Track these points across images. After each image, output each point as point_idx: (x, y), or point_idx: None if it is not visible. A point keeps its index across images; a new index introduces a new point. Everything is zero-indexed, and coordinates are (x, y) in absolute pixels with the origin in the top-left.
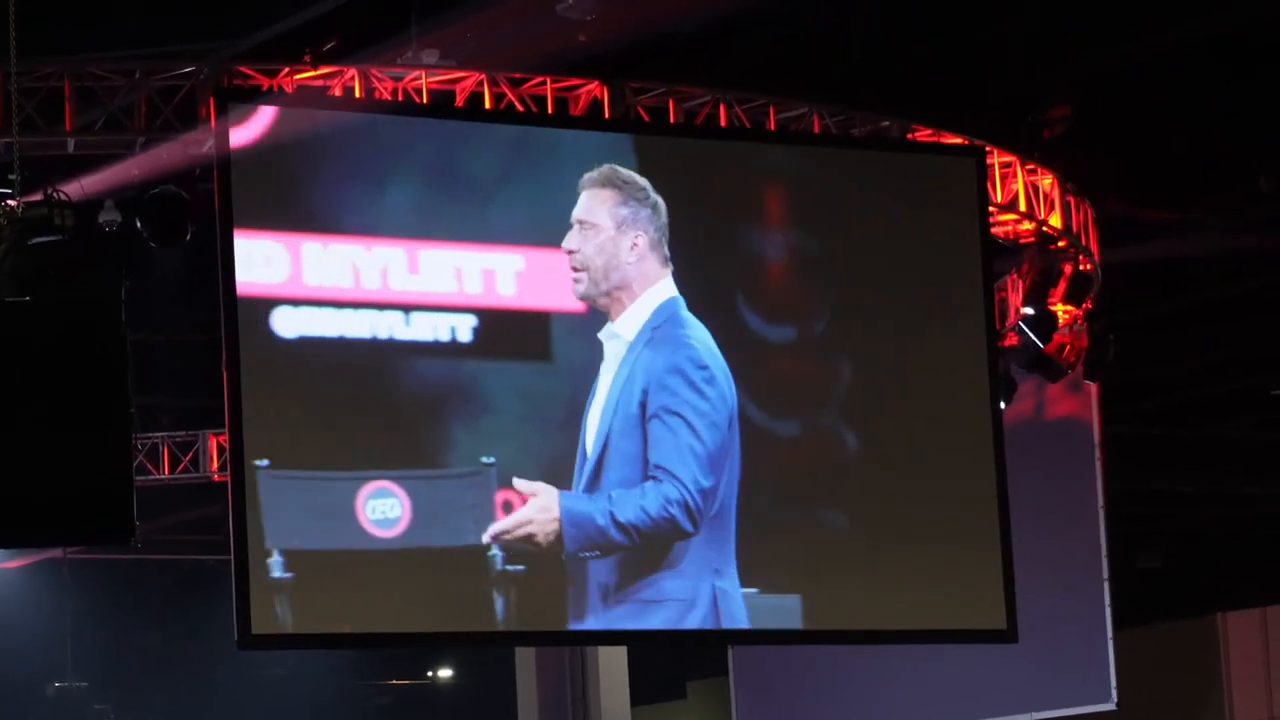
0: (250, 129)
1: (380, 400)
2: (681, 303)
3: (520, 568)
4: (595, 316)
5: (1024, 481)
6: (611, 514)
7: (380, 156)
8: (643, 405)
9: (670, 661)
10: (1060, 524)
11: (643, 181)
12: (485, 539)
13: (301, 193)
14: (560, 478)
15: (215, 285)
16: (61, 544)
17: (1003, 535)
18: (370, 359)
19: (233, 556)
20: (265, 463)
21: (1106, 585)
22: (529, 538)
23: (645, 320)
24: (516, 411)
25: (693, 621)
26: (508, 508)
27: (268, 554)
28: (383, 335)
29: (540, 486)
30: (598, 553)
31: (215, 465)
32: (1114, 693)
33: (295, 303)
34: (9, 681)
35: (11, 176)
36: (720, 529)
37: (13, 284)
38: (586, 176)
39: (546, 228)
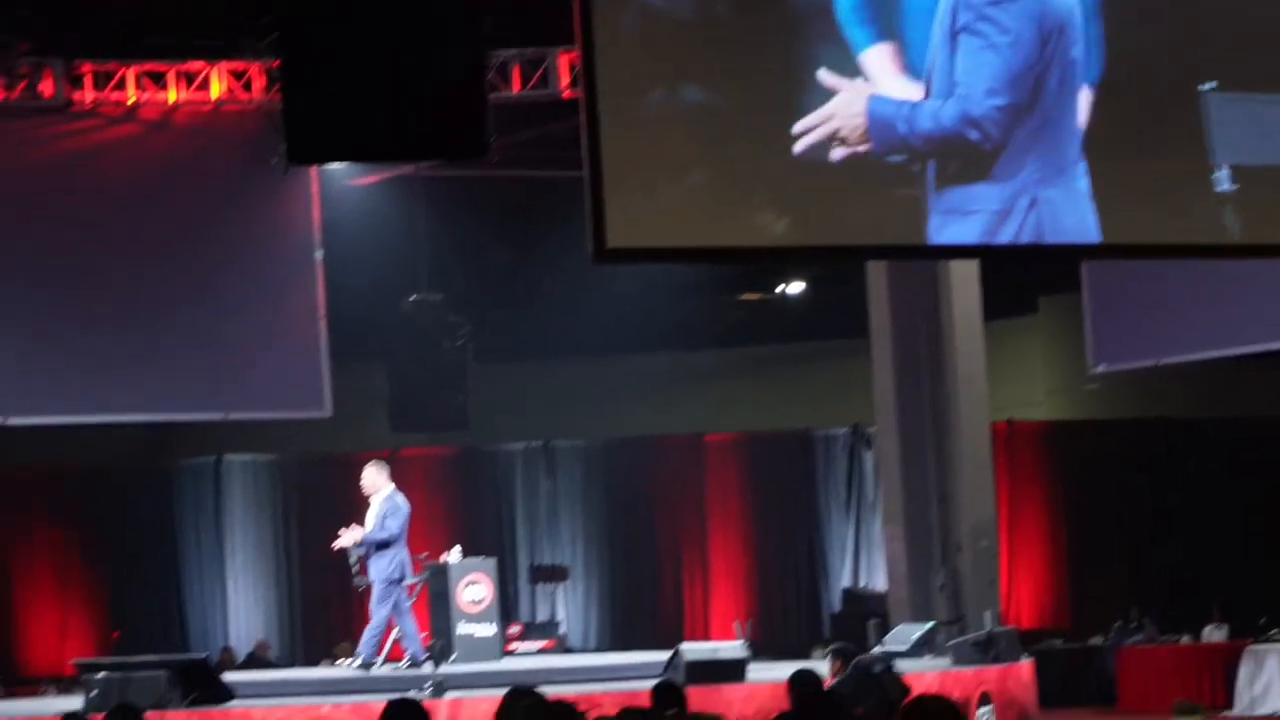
0: None
1: None
2: None
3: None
4: None
5: None
6: (912, 121)
7: None
8: (953, 19)
9: (1020, 276)
10: None
11: None
12: (794, 131)
13: None
14: None
15: None
16: (418, 159)
17: None
18: None
19: (586, 170)
20: None
21: None
22: (834, 133)
23: None
24: None
25: (1006, 234)
26: None
27: None
28: None
29: (848, 83)
30: (904, 157)
31: (565, 82)
32: None
33: None
34: (367, 294)
35: None
36: (1046, 140)
37: None
38: None
39: None
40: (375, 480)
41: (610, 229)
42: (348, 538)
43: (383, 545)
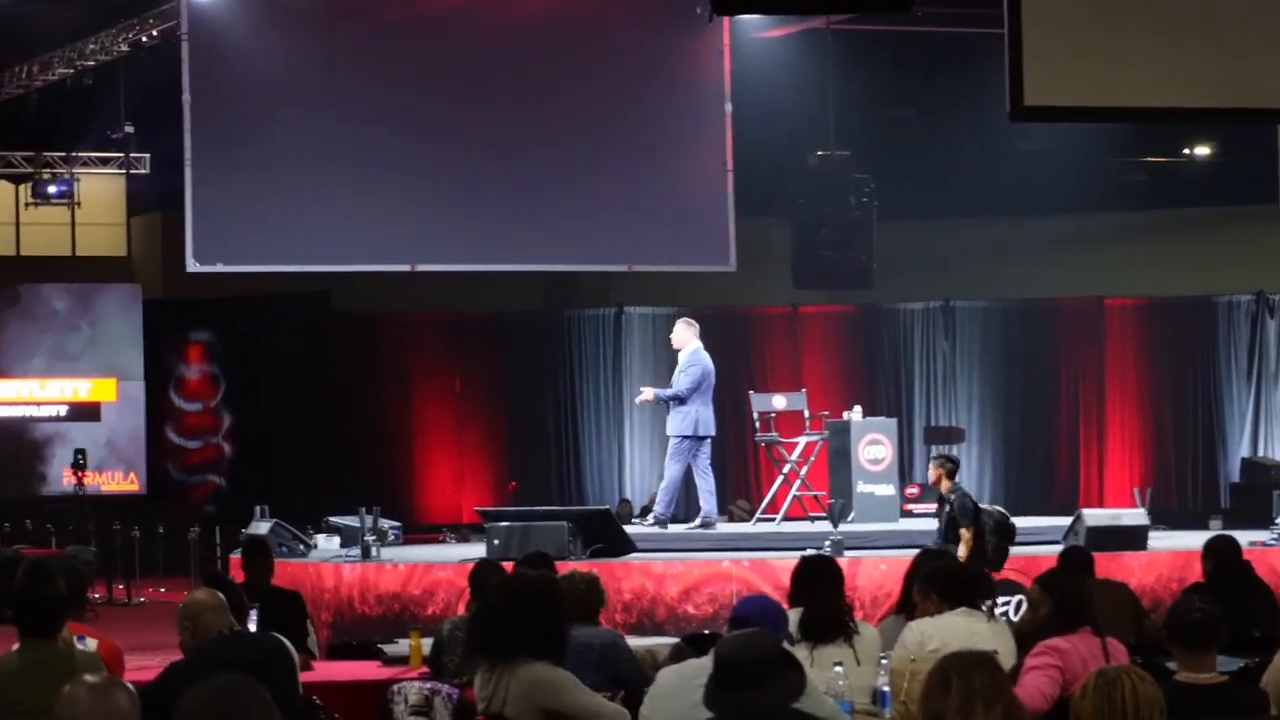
0: None
1: None
2: None
3: None
4: None
5: None
6: None
7: None
8: None
9: None
10: None
11: None
12: None
13: None
14: None
15: None
16: (845, 10)
17: None
18: None
19: (1007, 24)
20: None
21: None
22: None
23: None
24: None
25: None
26: None
27: None
28: None
29: None
30: None
31: None
32: None
33: None
34: (774, 148)
35: None
36: None
37: None
38: None
39: None
40: (683, 336)
41: (1028, 85)
42: (646, 394)
43: (679, 401)
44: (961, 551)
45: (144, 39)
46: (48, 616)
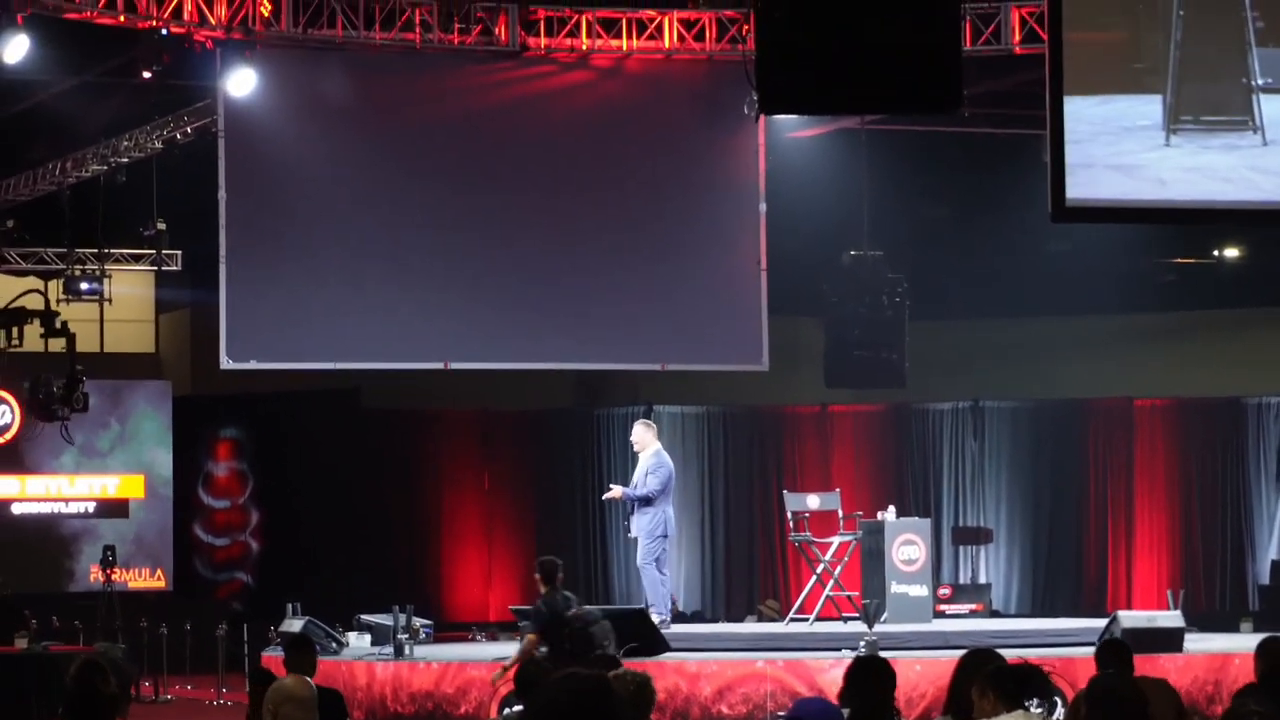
0: None
1: None
2: None
3: None
4: None
5: None
6: None
7: None
8: None
9: None
10: None
11: None
12: None
13: None
14: None
15: None
16: (891, 111)
17: None
18: None
19: (1049, 126)
20: None
21: None
22: None
23: None
24: None
25: None
26: None
27: None
28: None
29: None
30: None
31: (1017, 38)
32: None
33: None
34: (808, 247)
35: None
36: None
37: None
38: None
39: None
40: (644, 438)
41: (1070, 185)
42: (614, 492)
43: (645, 502)
44: (518, 650)
45: (178, 136)
46: (102, 715)
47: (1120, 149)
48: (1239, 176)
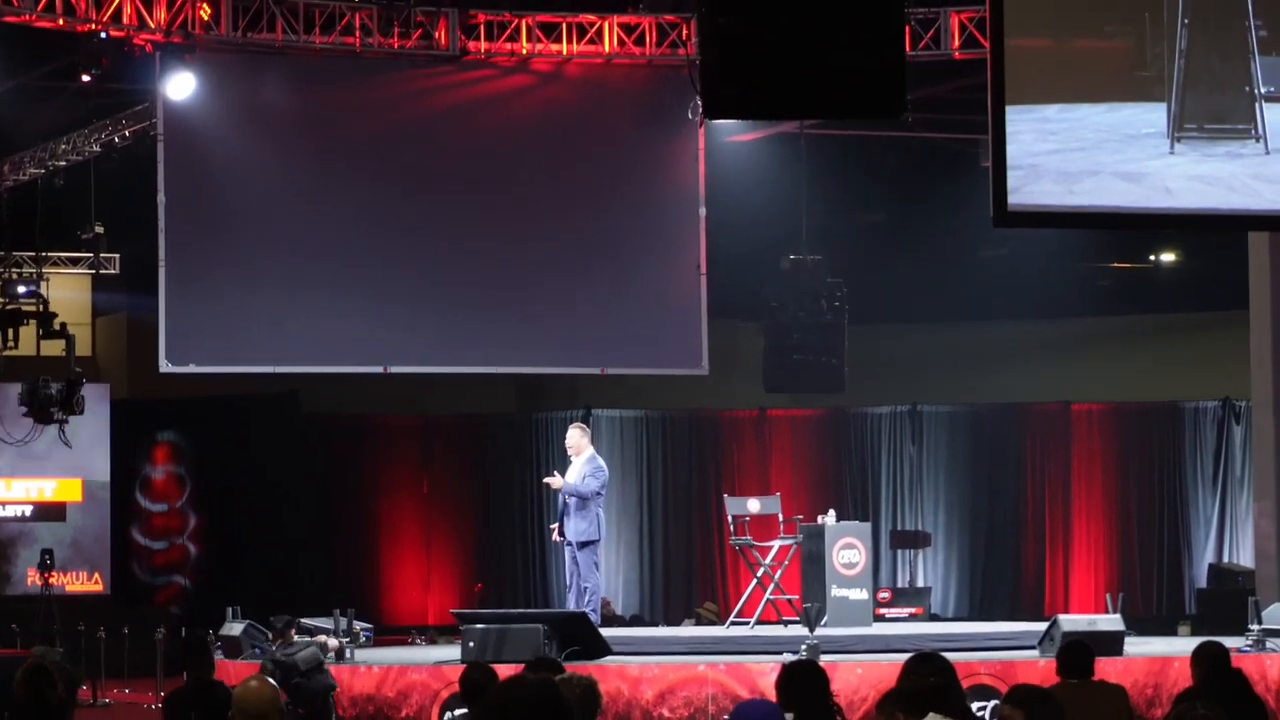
0: None
1: None
2: None
3: None
4: None
5: None
6: None
7: None
8: None
9: None
10: None
11: None
12: None
13: None
14: None
15: None
16: (835, 116)
17: None
18: None
19: (990, 132)
20: None
21: None
22: None
23: None
24: None
25: None
26: None
27: None
28: None
29: None
30: None
31: (956, 44)
32: None
33: None
34: (747, 251)
35: None
36: None
37: None
38: None
39: None
40: (579, 442)
41: (1012, 191)
42: (555, 481)
43: (583, 504)
44: None
45: (117, 139)
46: None
47: (1126, 156)
48: (1241, 185)
